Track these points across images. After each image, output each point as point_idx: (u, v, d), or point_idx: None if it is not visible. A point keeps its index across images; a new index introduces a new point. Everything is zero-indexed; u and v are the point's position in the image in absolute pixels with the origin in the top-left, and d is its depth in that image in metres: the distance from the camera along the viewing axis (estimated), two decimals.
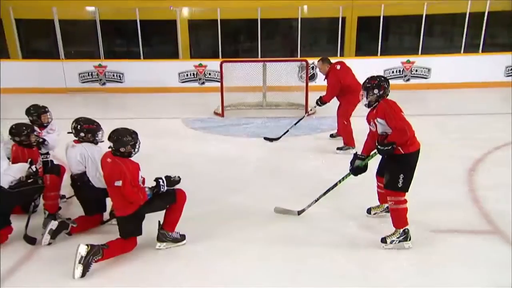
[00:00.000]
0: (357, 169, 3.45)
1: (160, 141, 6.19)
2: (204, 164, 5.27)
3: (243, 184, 4.63)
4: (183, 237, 3.41)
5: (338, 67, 5.50)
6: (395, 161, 3.20)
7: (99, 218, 3.69)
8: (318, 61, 5.56)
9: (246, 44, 11.46)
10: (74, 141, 3.56)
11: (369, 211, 3.79)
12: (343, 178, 3.61)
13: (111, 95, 9.93)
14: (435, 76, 9.72)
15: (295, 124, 5.45)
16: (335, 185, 3.65)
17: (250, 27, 10.43)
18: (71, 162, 3.54)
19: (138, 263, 3.18)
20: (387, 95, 3.30)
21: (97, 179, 3.44)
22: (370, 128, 3.43)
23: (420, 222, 3.57)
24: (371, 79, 3.33)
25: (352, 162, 3.49)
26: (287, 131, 5.28)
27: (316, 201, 3.72)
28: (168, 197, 3.27)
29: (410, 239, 3.27)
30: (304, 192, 4.33)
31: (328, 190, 3.68)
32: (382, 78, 3.32)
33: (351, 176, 3.54)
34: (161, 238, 3.33)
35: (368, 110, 3.40)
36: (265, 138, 5.56)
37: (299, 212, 3.80)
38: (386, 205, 3.63)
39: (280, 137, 5.46)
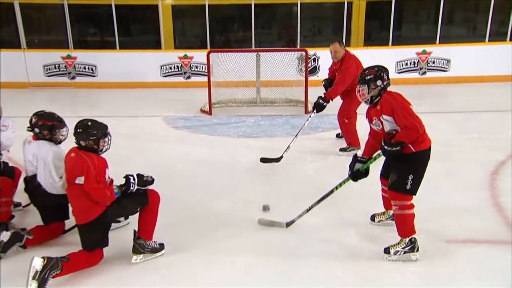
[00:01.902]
0: (357, 173, 3.42)
1: (136, 141, 6.23)
2: (186, 166, 5.31)
3: (230, 188, 4.66)
4: (161, 247, 3.42)
5: (352, 52, 5.54)
6: (404, 160, 3.19)
7: (59, 227, 3.67)
8: (335, 42, 5.46)
9: (239, 34, 11.49)
10: (33, 136, 3.56)
11: (373, 218, 3.79)
12: (340, 184, 3.56)
13: (82, 90, 9.92)
14: (455, 68, 9.77)
15: (296, 135, 5.40)
16: (331, 191, 3.61)
17: (243, 13, 10.48)
18: (26, 160, 3.54)
19: (104, 278, 3.17)
20: (389, 85, 3.32)
21: (50, 184, 3.43)
22: (371, 127, 3.42)
23: (433, 231, 3.59)
24: (370, 69, 3.32)
25: (351, 166, 3.46)
26: (288, 147, 5.30)
27: (308, 210, 3.68)
28: (138, 198, 3.28)
29: (417, 250, 3.26)
30: (300, 197, 4.33)
31: (323, 198, 3.64)
32: (381, 68, 3.33)
33: (350, 181, 3.52)
34: (138, 249, 3.32)
35: (367, 106, 3.40)
36: (262, 160, 5.40)
37: (288, 224, 3.74)
38: (392, 211, 3.63)
39: (282, 156, 5.35)
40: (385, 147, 3.15)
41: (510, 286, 2.88)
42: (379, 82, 3.25)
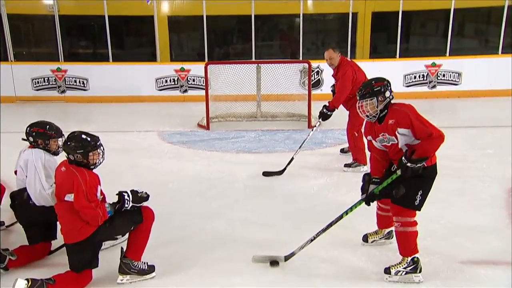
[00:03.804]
0: (372, 196, 3.26)
1: (129, 157, 6.24)
2: (182, 183, 5.30)
3: (228, 207, 4.64)
4: (151, 269, 3.37)
5: (349, 59, 5.64)
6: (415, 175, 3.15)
7: (45, 247, 3.63)
8: (329, 49, 5.53)
9: (238, 46, 11.63)
10: (29, 146, 3.61)
11: (365, 238, 3.75)
12: (351, 208, 3.38)
13: (72, 105, 9.99)
14: (467, 82, 9.82)
15: (300, 147, 5.47)
16: (340, 217, 3.43)
17: (243, 25, 10.61)
18: (16, 170, 3.60)
19: None
20: (393, 98, 3.27)
21: (38, 193, 3.41)
22: (372, 145, 3.36)
23: (446, 251, 3.57)
24: (376, 81, 3.26)
25: (364, 188, 3.32)
26: (292, 159, 5.38)
27: (311, 240, 3.48)
28: (132, 215, 3.26)
29: (420, 271, 3.22)
30: (303, 216, 4.37)
31: (330, 225, 3.46)
32: (384, 78, 3.31)
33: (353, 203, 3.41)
34: (123, 269, 3.27)
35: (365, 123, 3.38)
36: (265, 174, 5.48)
37: (286, 258, 3.49)
38: (386, 230, 3.67)
39: (285, 168, 5.40)
40: (408, 164, 3.01)
41: None
42: (387, 94, 3.19)
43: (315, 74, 9.79)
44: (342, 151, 6.19)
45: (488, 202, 4.56)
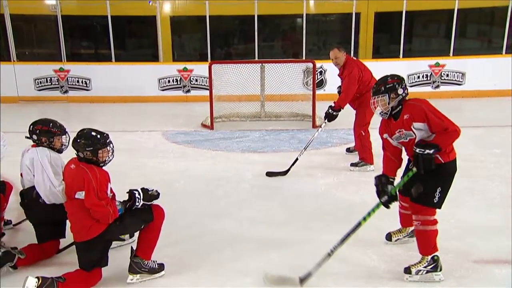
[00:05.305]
0: (392, 198, 3.16)
1: (134, 157, 6.20)
2: (188, 183, 5.29)
3: (235, 206, 4.62)
4: (161, 267, 3.35)
5: (354, 58, 5.66)
6: (432, 171, 3.10)
7: (54, 246, 3.60)
8: (334, 49, 5.52)
9: (241, 46, 11.63)
10: (32, 145, 3.58)
11: (389, 237, 3.71)
12: (369, 214, 3.24)
13: (75, 105, 9.99)
14: (471, 81, 9.82)
15: (305, 148, 5.47)
16: (358, 224, 3.24)
17: (246, 25, 10.60)
18: (22, 171, 3.56)
19: None
20: (407, 95, 3.25)
21: (48, 190, 3.39)
22: (388, 143, 3.33)
23: (459, 250, 3.55)
24: (390, 78, 3.25)
25: (384, 190, 3.19)
26: (296, 159, 5.38)
27: (329, 255, 3.21)
28: (143, 214, 3.23)
29: (441, 269, 3.19)
30: (311, 214, 4.35)
31: (348, 235, 3.24)
32: (399, 75, 3.29)
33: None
34: (134, 268, 3.25)
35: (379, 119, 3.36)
36: (268, 174, 5.47)
37: (302, 280, 3.15)
38: (410, 228, 3.61)
39: (289, 169, 5.40)
40: (417, 150, 3.01)
41: None
42: (400, 91, 3.18)
43: (318, 74, 9.77)
44: (348, 150, 6.18)
45: (497, 201, 4.55)
